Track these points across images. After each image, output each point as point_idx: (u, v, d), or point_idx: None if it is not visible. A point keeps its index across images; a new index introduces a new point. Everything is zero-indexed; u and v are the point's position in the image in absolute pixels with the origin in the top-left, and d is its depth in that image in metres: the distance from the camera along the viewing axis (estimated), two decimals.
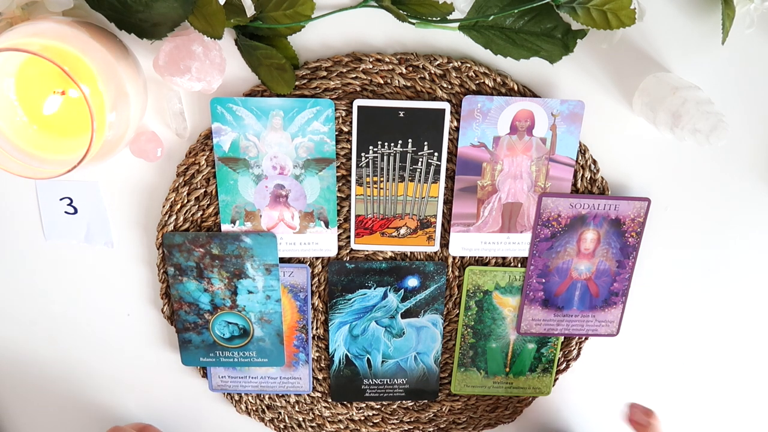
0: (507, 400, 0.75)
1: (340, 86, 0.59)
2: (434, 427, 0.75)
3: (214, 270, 0.64)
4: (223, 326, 0.67)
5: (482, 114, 0.60)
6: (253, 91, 0.59)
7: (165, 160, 0.62)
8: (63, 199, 0.63)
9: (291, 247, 0.65)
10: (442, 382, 0.73)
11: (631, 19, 0.53)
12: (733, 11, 0.55)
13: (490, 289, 0.68)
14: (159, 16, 0.51)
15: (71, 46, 0.47)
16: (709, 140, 0.52)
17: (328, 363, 0.71)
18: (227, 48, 0.56)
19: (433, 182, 0.63)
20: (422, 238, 0.65)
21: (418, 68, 0.59)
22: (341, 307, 0.68)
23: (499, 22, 0.55)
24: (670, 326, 0.72)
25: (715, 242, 0.68)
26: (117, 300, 0.68)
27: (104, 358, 0.71)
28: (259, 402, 0.73)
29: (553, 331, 0.70)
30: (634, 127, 0.62)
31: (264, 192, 0.62)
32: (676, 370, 0.74)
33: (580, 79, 0.60)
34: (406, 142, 0.61)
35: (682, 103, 0.54)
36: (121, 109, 0.50)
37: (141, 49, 0.56)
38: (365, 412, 0.74)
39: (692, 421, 0.78)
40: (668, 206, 0.66)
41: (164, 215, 0.63)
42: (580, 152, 0.63)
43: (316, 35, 0.58)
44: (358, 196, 0.63)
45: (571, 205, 0.64)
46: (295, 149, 0.61)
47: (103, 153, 0.50)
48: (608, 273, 0.67)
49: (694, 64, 0.60)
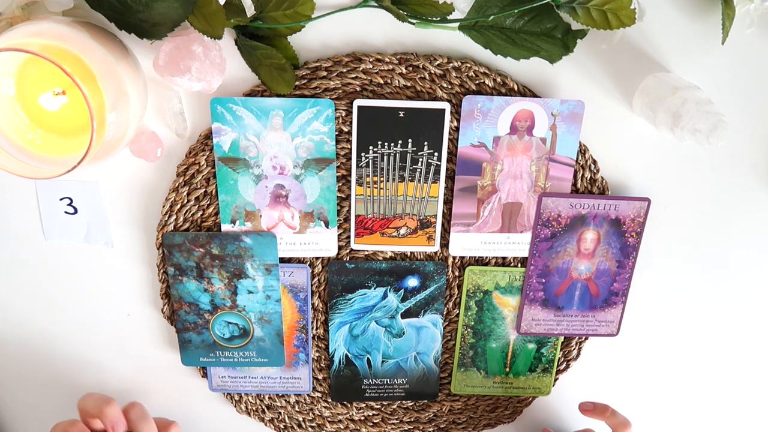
0: (507, 400, 0.75)
1: (340, 86, 0.59)
2: (434, 427, 0.75)
3: (214, 270, 0.64)
4: (223, 326, 0.67)
5: (482, 114, 0.60)
6: (253, 91, 0.59)
7: (165, 160, 0.62)
8: (63, 199, 0.63)
9: (291, 247, 0.65)
10: (442, 382, 0.73)
11: (631, 19, 0.53)
12: (733, 11, 0.55)
13: (490, 289, 0.68)
14: (159, 16, 0.51)
15: (71, 46, 0.47)
16: (709, 140, 0.52)
17: (328, 363, 0.71)
18: (227, 48, 0.56)
19: (433, 182, 0.63)
20: (422, 238, 0.65)
21: (418, 68, 0.59)
22: (341, 307, 0.68)
23: (499, 22, 0.55)
24: (670, 326, 0.72)
25: (715, 242, 0.68)
26: (117, 300, 0.68)
27: (104, 358, 0.71)
28: (259, 402, 0.73)
29: (553, 331, 0.70)
30: (634, 127, 0.62)
31: (264, 192, 0.62)
32: (676, 370, 0.74)
33: (580, 79, 0.60)
34: (406, 142, 0.61)
35: (682, 103, 0.54)
36: (121, 109, 0.50)
37: (141, 49, 0.56)
38: (365, 412, 0.74)
39: (692, 420, 0.78)
40: (668, 206, 0.66)
41: (164, 215, 0.63)
42: (580, 152, 0.63)
43: (316, 35, 0.58)
44: (358, 196, 0.63)
45: (571, 205, 0.64)
46: (295, 149, 0.61)
47: (103, 153, 0.50)
48: (608, 273, 0.67)
49: (694, 64, 0.60)
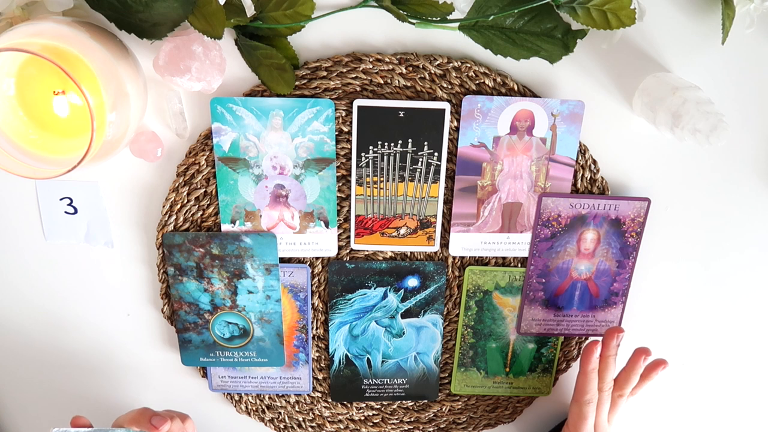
0: (507, 400, 0.75)
1: (340, 86, 0.59)
2: (434, 427, 0.75)
3: (214, 270, 0.64)
4: (223, 326, 0.67)
5: (482, 114, 0.60)
6: (253, 91, 0.59)
7: (165, 160, 0.62)
8: (63, 199, 0.63)
9: (291, 247, 0.65)
10: (442, 382, 0.73)
11: (631, 19, 0.53)
12: (733, 11, 0.55)
13: (490, 289, 0.68)
14: (159, 16, 0.51)
15: (71, 46, 0.47)
16: (709, 140, 0.52)
17: (328, 363, 0.71)
18: (227, 48, 0.56)
19: (433, 182, 0.63)
20: (422, 238, 0.65)
21: (418, 68, 0.59)
22: (341, 307, 0.68)
23: (499, 22, 0.55)
24: (670, 326, 0.72)
25: (715, 242, 0.68)
26: (117, 300, 0.68)
27: (104, 358, 0.71)
28: (259, 402, 0.73)
29: (553, 331, 0.70)
30: (634, 127, 0.62)
31: (264, 192, 0.62)
32: (676, 370, 0.74)
33: (580, 79, 0.60)
34: (406, 142, 0.61)
35: (682, 103, 0.54)
36: (121, 109, 0.50)
37: (141, 49, 0.56)
38: (365, 412, 0.74)
39: (692, 420, 0.78)
40: (668, 206, 0.66)
41: (164, 215, 0.63)
42: (580, 152, 0.63)
43: (316, 35, 0.58)
44: (358, 196, 0.63)
45: (571, 205, 0.64)
46: (295, 149, 0.61)
47: (103, 153, 0.50)
48: (608, 273, 0.67)
49: (694, 64, 0.60)
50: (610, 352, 0.64)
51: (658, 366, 0.66)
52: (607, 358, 0.64)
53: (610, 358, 0.64)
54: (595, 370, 0.65)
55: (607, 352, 0.64)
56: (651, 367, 0.66)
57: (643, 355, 0.65)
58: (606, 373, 0.65)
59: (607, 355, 0.64)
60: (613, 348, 0.64)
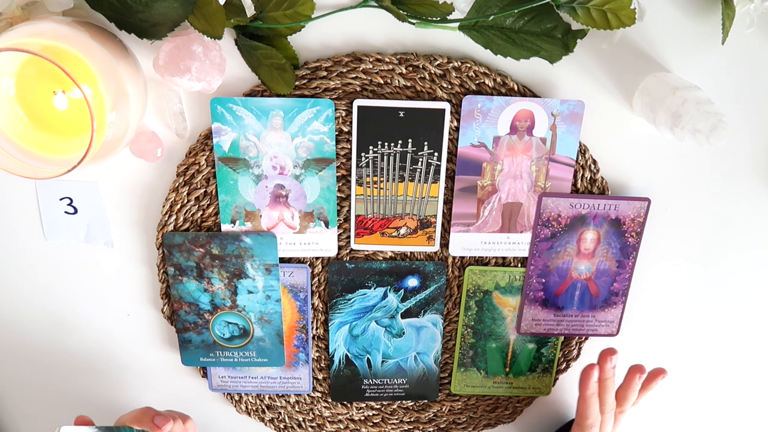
0: (507, 400, 0.75)
1: (340, 86, 0.59)
2: (434, 427, 0.75)
3: (214, 270, 0.64)
4: (223, 326, 0.67)
5: (482, 114, 0.60)
6: (253, 91, 0.59)
7: (165, 160, 0.62)
8: (63, 199, 0.63)
9: (291, 247, 0.65)
10: (442, 382, 0.73)
11: (631, 19, 0.53)
12: (733, 11, 0.55)
13: (490, 289, 0.68)
14: (159, 16, 0.51)
15: (71, 46, 0.47)
16: (709, 140, 0.52)
17: (328, 363, 0.71)
18: (227, 48, 0.56)
19: (433, 182, 0.63)
20: (422, 238, 0.65)
21: (418, 68, 0.59)
22: (341, 307, 0.68)
23: (499, 22, 0.55)
24: (670, 326, 0.72)
25: (715, 242, 0.68)
26: (117, 300, 0.68)
27: (104, 358, 0.71)
28: (259, 402, 0.73)
29: (553, 331, 0.70)
30: (634, 127, 0.62)
31: (264, 192, 0.62)
32: (676, 370, 0.74)
33: (580, 79, 0.60)
34: (406, 142, 0.61)
35: (682, 103, 0.54)
36: (121, 109, 0.50)
37: (141, 49, 0.56)
38: (365, 412, 0.74)
39: (692, 420, 0.78)
40: (668, 206, 0.66)
41: (164, 215, 0.63)
42: (580, 152, 0.63)
43: (316, 35, 0.58)
44: (358, 196, 0.63)
45: (571, 205, 0.64)
46: (295, 149, 0.61)
47: (103, 153, 0.50)
48: (608, 273, 0.67)
49: (694, 64, 0.60)
50: (608, 375, 0.65)
51: (657, 376, 0.66)
52: (605, 381, 0.65)
53: (608, 380, 0.65)
54: (594, 395, 0.65)
55: (605, 375, 0.65)
56: (650, 377, 0.66)
57: (638, 373, 0.65)
58: (606, 396, 0.65)
59: (605, 378, 0.65)
60: (609, 371, 0.65)
